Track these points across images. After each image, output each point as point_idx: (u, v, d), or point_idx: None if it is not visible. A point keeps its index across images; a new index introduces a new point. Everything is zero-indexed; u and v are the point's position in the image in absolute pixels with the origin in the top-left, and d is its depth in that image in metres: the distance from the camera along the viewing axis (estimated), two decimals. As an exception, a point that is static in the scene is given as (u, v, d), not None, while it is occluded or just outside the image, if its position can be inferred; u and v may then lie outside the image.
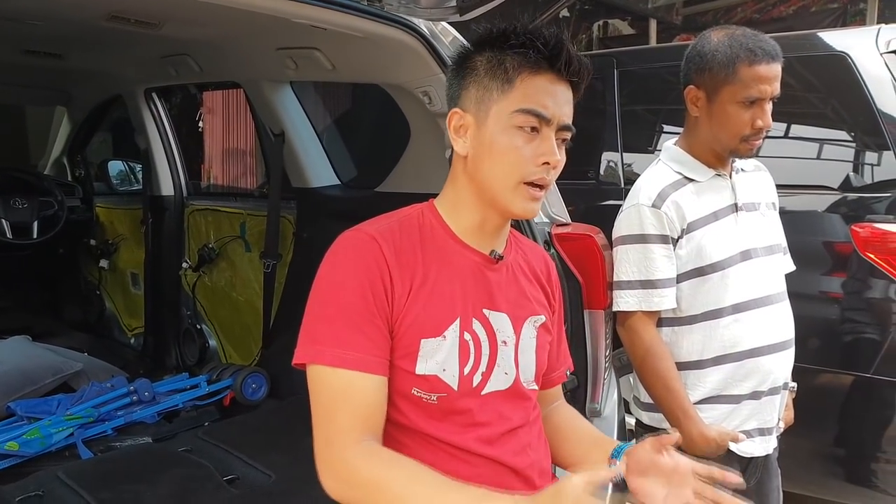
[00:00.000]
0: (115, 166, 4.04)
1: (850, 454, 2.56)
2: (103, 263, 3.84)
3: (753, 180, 1.79)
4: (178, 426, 2.44)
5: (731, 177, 1.73)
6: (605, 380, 1.92)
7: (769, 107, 1.60)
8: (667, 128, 3.40)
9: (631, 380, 1.91)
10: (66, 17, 2.19)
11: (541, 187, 1.09)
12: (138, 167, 3.78)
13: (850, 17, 6.75)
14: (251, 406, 2.58)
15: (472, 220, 1.13)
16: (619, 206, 1.79)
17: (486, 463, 1.13)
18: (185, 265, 3.32)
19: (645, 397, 1.80)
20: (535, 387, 1.23)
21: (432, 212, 1.16)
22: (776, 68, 1.57)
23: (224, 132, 5.59)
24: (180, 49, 2.59)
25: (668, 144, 1.80)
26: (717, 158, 1.71)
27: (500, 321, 1.15)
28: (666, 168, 1.74)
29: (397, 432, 1.11)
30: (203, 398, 2.56)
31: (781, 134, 2.82)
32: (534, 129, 1.06)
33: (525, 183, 1.08)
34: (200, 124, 5.67)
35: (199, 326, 3.37)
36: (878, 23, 6.43)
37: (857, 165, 2.73)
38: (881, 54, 2.61)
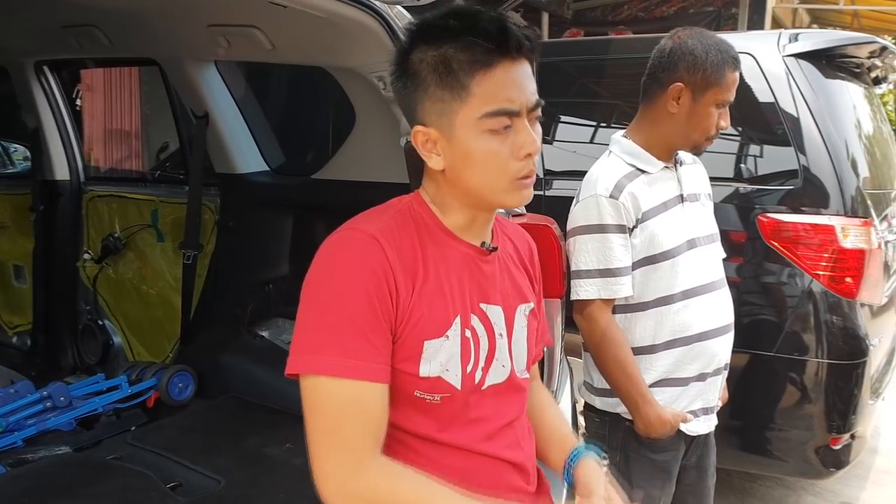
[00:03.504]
0: (-9, 146, 3.66)
1: (748, 425, 2.75)
2: None
3: (693, 172, 1.88)
4: (101, 432, 2.25)
5: (676, 169, 1.81)
6: (559, 366, 1.96)
7: None
8: (563, 118, 3.47)
9: (582, 365, 1.96)
10: None
11: (529, 177, 1.05)
12: (18, 147, 3.43)
13: (724, 20, 7.25)
14: (178, 407, 2.42)
15: (462, 217, 1.09)
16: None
17: (487, 459, 1.11)
18: (85, 257, 3.06)
19: (598, 383, 1.85)
20: (528, 375, 1.23)
21: (421, 205, 1.09)
22: None
23: (133, 112, 5.20)
24: (87, 19, 2.35)
25: (618, 137, 1.84)
26: (668, 152, 1.78)
27: (496, 314, 1.13)
28: (619, 160, 1.79)
29: (399, 433, 1.07)
30: (124, 400, 2.37)
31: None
32: (506, 126, 0.99)
33: (515, 180, 1.02)
34: (103, 103, 5.25)
35: (100, 322, 3.12)
36: (748, 26, 6.97)
37: (762, 159, 2.93)
38: (782, 57, 2.81)
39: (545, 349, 1.91)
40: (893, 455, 3.85)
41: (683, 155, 1.86)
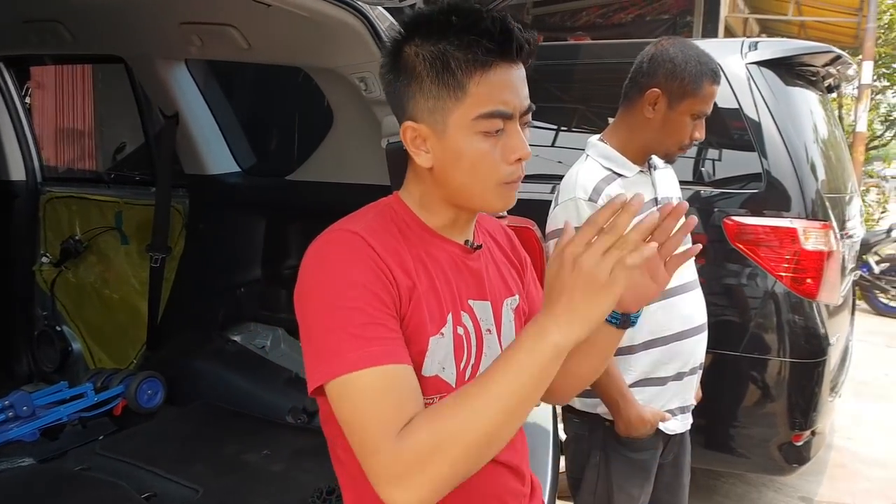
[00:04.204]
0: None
1: (713, 424, 2.81)
2: None
3: (665, 176, 1.92)
4: (66, 443, 2.16)
5: (651, 173, 1.85)
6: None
7: None
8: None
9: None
10: None
11: (516, 181, 1.04)
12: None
13: (679, 28, 7.42)
14: (147, 414, 2.34)
15: (446, 217, 1.07)
16: None
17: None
18: (43, 260, 2.94)
19: None
20: None
21: (401, 206, 1.07)
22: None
23: (95, 110, 5.02)
24: (49, 14, 2.27)
25: (594, 140, 1.86)
26: (643, 156, 1.81)
27: (484, 310, 1.12)
28: (596, 164, 1.81)
29: None
30: (90, 409, 2.28)
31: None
32: (499, 129, 0.98)
33: (503, 184, 1.01)
34: (59, 101, 5.04)
35: (58, 328, 3.00)
36: (703, 34, 7.15)
37: (727, 163, 2.99)
38: (745, 64, 2.89)
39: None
40: (846, 450, 4.00)
41: (656, 159, 1.90)
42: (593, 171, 1.78)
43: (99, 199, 2.88)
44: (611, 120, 1.83)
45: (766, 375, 2.73)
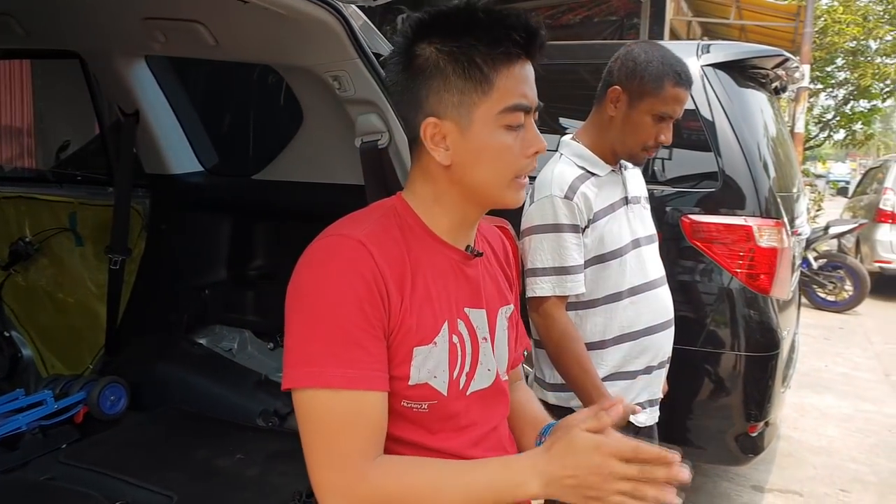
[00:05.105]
0: None
1: (670, 417, 2.88)
2: None
3: (634, 176, 1.97)
4: (27, 452, 2.07)
5: (622, 172, 1.89)
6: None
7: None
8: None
9: (533, 361, 2.01)
10: None
11: (527, 176, 1.07)
12: None
13: (626, 30, 7.57)
14: (111, 421, 2.27)
15: (453, 219, 1.08)
16: None
17: None
18: (-9, 263, 2.82)
19: (551, 378, 1.90)
20: (507, 378, 1.24)
21: (405, 208, 1.07)
22: (688, 95, 1.75)
23: (46, 107, 4.80)
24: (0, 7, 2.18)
25: (567, 140, 1.90)
26: (614, 157, 1.85)
27: (479, 318, 1.13)
28: (570, 162, 1.84)
29: (388, 442, 1.05)
30: (50, 417, 2.20)
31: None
32: (519, 124, 1.01)
33: (517, 176, 1.05)
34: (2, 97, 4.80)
35: (7, 334, 2.88)
36: (649, 36, 7.31)
37: (684, 163, 3.06)
38: (700, 66, 2.97)
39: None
40: (793, 439, 4.16)
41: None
42: (568, 170, 1.81)
43: (51, 199, 2.77)
44: (565, 121, 1.87)
45: (723, 369, 2.81)
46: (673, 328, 1.97)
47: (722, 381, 2.84)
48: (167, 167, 2.48)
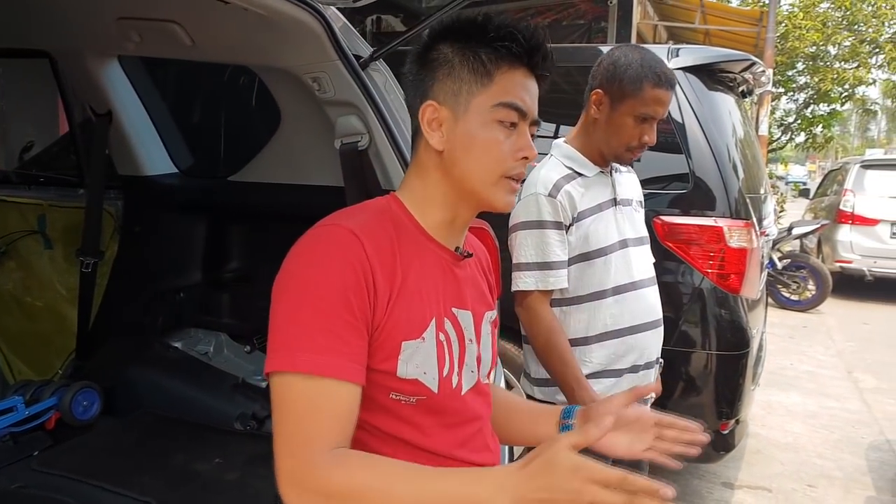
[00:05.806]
0: None
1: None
2: None
3: (627, 180, 2.01)
4: (-2, 460, 2.02)
5: (611, 175, 1.92)
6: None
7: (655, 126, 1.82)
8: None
9: (522, 357, 2.03)
10: None
11: (517, 180, 1.11)
12: None
13: (594, 33, 7.65)
14: (84, 427, 2.22)
15: (444, 216, 1.10)
16: None
17: (462, 465, 1.11)
18: (-44, 267, 2.74)
19: (536, 373, 1.93)
20: (489, 381, 1.26)
21: (399, 206, 1.10)
22: (670, 95, 1.79)
23: (8, 107, 4.65)
24: None
25: (559, 142, 1.94)
26: (602, 158, 1.89)
27: (466, 319, 1.14)
28: (558, 163, 1.88)
29: (372, 440, 1.06)
30: (20, 423, 2.14)
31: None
32: (513, 124, 1.05)
33: (505, 177, 1.07)
34: None
35: (-29, 339, 2.81)
36: (616, 39, 7.40)
37: (657, 165, 3.09)
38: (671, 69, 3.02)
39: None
40: (761, 436, 4.24)
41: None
42: (555, 169, 1.86)
43: (18, 201, 2.71)
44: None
45: (695, 368, 2.86)
46: (661, 328, 1.99)
47: (693, 380, 2.89)
48: (141, 168, 2.44)
